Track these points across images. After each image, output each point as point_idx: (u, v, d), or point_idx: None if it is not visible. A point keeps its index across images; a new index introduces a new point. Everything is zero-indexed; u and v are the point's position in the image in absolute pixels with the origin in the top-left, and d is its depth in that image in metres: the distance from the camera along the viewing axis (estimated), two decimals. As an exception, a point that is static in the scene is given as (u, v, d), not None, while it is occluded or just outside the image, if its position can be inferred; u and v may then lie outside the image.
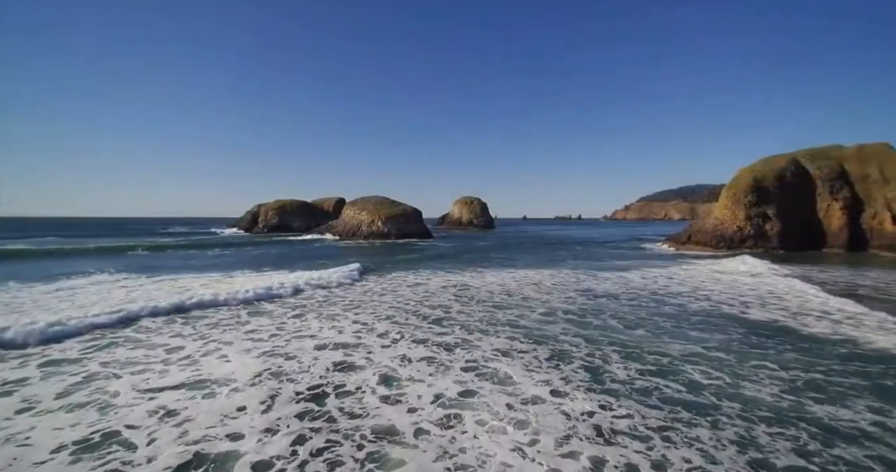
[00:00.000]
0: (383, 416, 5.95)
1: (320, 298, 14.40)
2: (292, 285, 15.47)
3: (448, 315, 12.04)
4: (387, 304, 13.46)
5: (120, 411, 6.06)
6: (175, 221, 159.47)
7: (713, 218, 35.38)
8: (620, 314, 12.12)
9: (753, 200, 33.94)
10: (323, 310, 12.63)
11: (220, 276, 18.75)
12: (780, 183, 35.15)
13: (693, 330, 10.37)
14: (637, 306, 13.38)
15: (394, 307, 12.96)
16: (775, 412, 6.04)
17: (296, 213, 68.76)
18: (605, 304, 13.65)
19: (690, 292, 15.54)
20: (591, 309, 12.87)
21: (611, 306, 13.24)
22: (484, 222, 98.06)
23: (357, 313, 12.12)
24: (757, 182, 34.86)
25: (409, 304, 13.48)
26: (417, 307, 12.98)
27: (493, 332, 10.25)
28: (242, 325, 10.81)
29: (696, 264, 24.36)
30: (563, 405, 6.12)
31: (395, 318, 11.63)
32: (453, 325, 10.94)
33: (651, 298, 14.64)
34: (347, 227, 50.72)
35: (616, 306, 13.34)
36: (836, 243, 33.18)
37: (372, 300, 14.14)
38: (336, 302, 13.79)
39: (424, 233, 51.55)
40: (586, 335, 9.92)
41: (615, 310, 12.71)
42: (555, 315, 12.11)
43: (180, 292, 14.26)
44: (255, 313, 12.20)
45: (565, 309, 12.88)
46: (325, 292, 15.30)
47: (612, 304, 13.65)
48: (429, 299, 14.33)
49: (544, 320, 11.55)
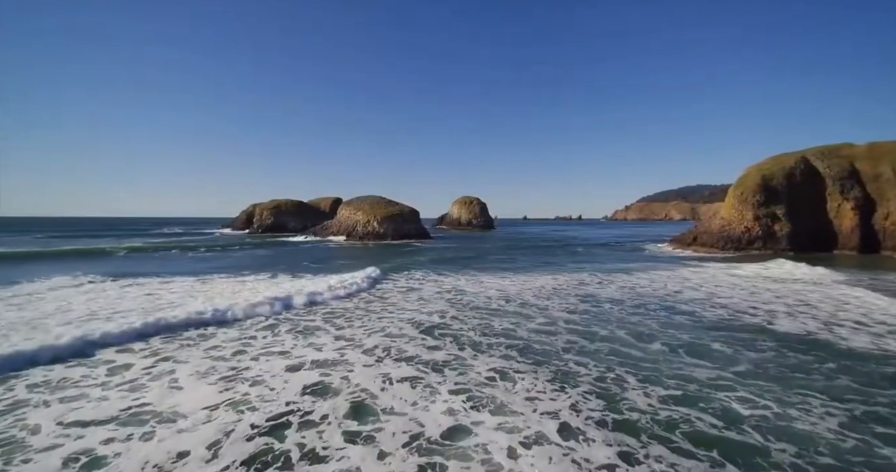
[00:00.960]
0: (350, 460, 4.78)
1: (300, 307, 13.20)
2: (271, 298, 12.88)
3: (442, 323, 10.87)
4: (374, 314, 12.24)
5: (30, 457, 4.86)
6: (174, 222, 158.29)
7: (719, 218, 34.20)
8: (629, 324, 10.93)
9: (762, 200, 32.76)
10: (301, 320, 11.45)
11: (194, 281, 17.52)
12: (788, 182, 33.97)
13: (717, 344, 9.18)
14: (647, 314, 12.20)
15: (382, 317, 11.76)
16: (838, 456, 4.85)
17: (291, 213, 67.51)
18: (610, 312, 12.47)
19: (705, 299, 14.35)
20: (597, 318, 11.70)
21: (618, 315, 12.06)
22: (483, 223, 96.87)
23: (340, 327, 10.93)
24: (765, 181, 33.69)
25: (400, 313, 12.27)
26: (409, 316, 11.79)
27: (487, 346, 9.07)
28: (206, 340, 9.62)
29: (705, 267, 23.16)
30: (574, 451, 4.92)
31: (383, 330, 10.44)
32: (445, 337, 9.76)
33: (661, 305, 13.45)
34: (342, 227, 49.50)
35: (623, 314, 12.16)
36: (848, 245, 31.98)
37: (357, 308, 12.94)
38: (316, 311, 12.59)
39: (422, 234, 50.35)
40: (593, 351, 8.74)
41: (623, 319, 11.53)
42: (556, 325, 10.94)
43: (144, 307, 13.03)
44: (222, 322, 11.01)
45: (567, 318, 11.70)
46: (303, 300, 14.05)
47: (618, 312, 12.47)
48: (423, 306, 13.12)
49: (545, 330, 10.38)
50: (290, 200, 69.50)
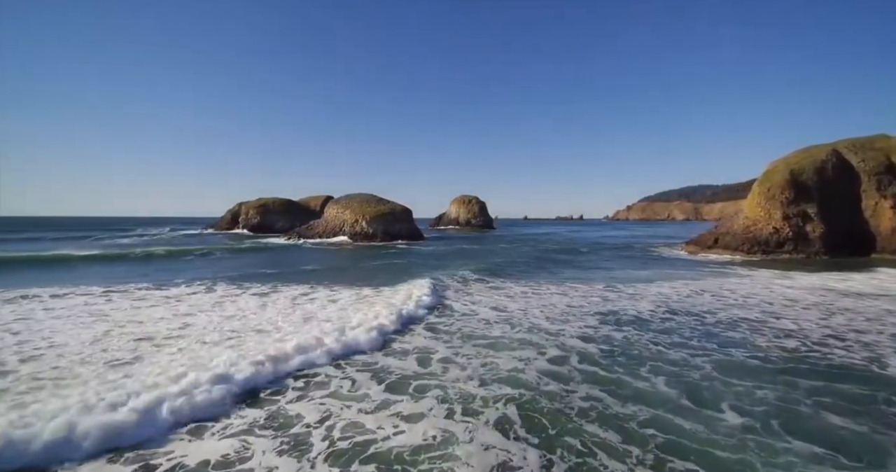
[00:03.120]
0: None
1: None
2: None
3: (420, 371, 7.40)
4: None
5: None
6: (164, 221, 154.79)
7: (743, 218, 30.65)
8: (670, 367, 7.50)
9: (791, 198, 29.21)
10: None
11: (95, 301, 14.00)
12: (820, 178, 30.43)
13: (824, 411, 5.70)
14: (690, 346, 8.76)
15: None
16: None
17: (279, 212, 63.96)
18: (640, 342, 9.02)
19: (760, 322, 10.87)
20: (624, 353, 8.29)
21: (651, 348, 8.63)
22: (483, 223, 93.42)
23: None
24: (794, 176, 30.15)
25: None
26: (367, 361, 8.32)
27: (482, 405, 5.66)
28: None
29: (741, 275, 19.62)
30: None
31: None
32: (425, 392, 6.34)
33: (705, 330, 10.00)
34: (329, 227, 45.99)
35: (658, 347, 8.72)
36: (889, 248, 28.40)
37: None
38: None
39: (414, 234, 46.84)
40: (625, 420, 5.40)
41: (659, 356, 8.10)
42: (569, 364, 7.60)
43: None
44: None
45: (584, 351, 8.33)
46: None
47: (650, 342, 9.03)
48: (395, 333, 9.66)
49: (557, 373, 6.94)
50: (278, 199, 65.94)
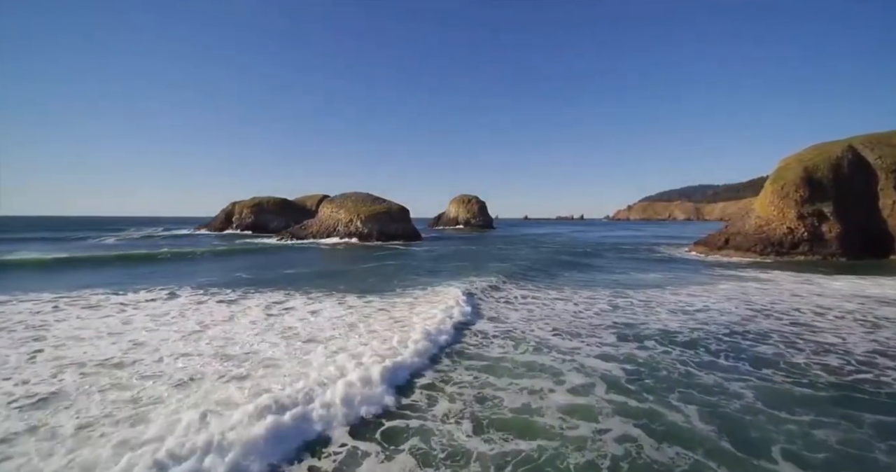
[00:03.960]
0: None
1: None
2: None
3: (405, 401, 5.92)
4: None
5: None
6: (162, 221, 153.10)
7: (755, 218, 29.21)
8: (705, 394, 6.13)
9: (805, 196, 27.78)
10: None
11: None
12: (835, 175, 29.01)
13: (885, 445, 4.28)
14: (722, 367, 7.40)
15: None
16: None
17: (273, 211, 62.47)
18: (667, 362, 7.59)
19: (795, 335, 9.41)
20: (651, 375, 6.90)
21: (679, 369, 7.23)
22: (482, 222, 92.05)
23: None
24: (808, 174, 28.73)
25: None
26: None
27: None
28: None
29: (761, 279, 18.17)
30: None
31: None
32: (407, 442, 4.85)
33: (736, 346, 8.57)
34: (323, 227, 44.49)
35: (688, 368, 7.30)
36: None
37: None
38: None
39: (411, 234, 45.36)
40: (665, 469, 3.92)
41: (691, 380, 6.71)
42: (593, 394, 6.14)
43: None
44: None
45: (606, 375, 6.96)
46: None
47: (678, 362, 7.62)
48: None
49: (577, 407, 5.46)
50: (273, 198, 64.44)
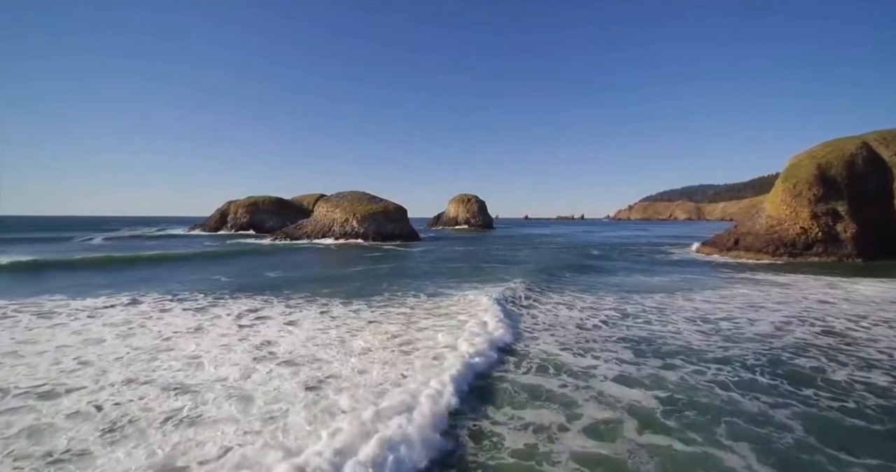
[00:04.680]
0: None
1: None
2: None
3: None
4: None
5: None
6: (160, 220, 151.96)
7: (766, 217, 27.97)
8: (747, 418, 5.14)
9: (819, 195, 26.56)
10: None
11: None
12: (849, 173, 27.79)
13: None
14: (758, 385, 6.31)
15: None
16: None
17: (269, 211, 61.31)
18: (699, 383, 6.40)
19: (834, 348, 8.19)
20: (687, 401, 5.66)
21: (716, 391, 6.07)
22: (482, 222, 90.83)
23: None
24: (822, 171, 27.52)
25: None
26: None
27: None
28: None
29: (779, 283, 16.94)
30: None
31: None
32: None
33: (767, 359, 7.38)
34: (318, 227, 43.30)
35: (724, 389, 6.11)
36: (926, 250, 25.77)
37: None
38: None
39: (408, 234, 44.17)
40: None
41: (730, 404, 5.56)
42: (621, 433, 4.93)
43: None
44: None
45: (633, 404, 5.75)
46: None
47: (711, 382, 6.42)
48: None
49: (600, 455, 4.27)
50: (269, 197, 63.27)
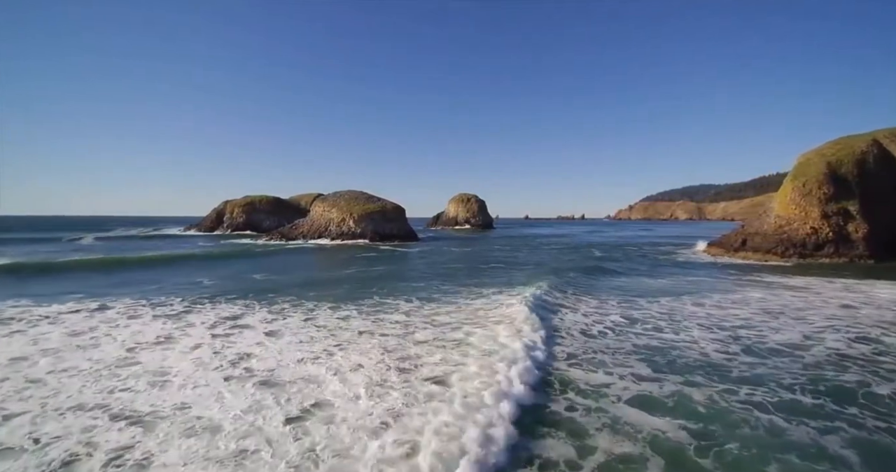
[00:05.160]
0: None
1: None
2: None
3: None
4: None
5: None
6: (158, 220, 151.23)
7: (774, 217, 27.12)
8: (798, 451, 4.39)
9: (830, 194, 25.70)
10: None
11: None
12: (860, 171, 26.93)
13: None
14: (801, 407, 5.48)
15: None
16: None
17: (266, 210, 60.53)
18: (731, 404, 5.54)
19: (869, 361, 7.35)
20: (722, 433, 4.78)
21: (755, 415, 5.26)
22: (482, 222, 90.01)
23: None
24: (832, 170, 26.67)
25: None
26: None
27: None
28: None
29: (786, 284, 16.09)
30: None
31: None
32: None
33: (803, 377, 6.54)
34: (314, 227, 42.51)
35: (764, 412, 5.30)
36: (940, 251, 24.91)
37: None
38: None
39: (407, 234, 43.35)
40: None
41: (774, 433, 4.72)
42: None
43: None
44: None
45: (666, 443, 4.84)
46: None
47: (747, 403, 5.60)
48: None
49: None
50: (266, 197, 62.50)
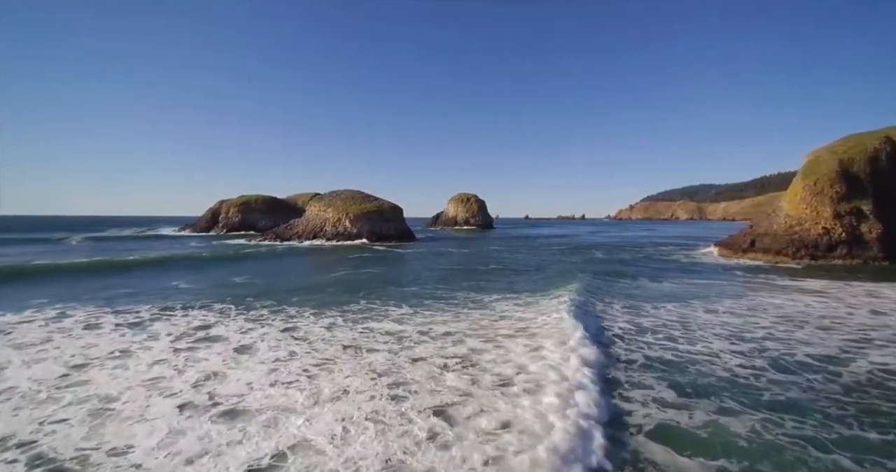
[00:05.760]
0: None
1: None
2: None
3: None
4: None
5: None
6: (155, 220, 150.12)
7: (784, 217, 26.14)
8: None
9: (842, 193, 24.73)
10: None
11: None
12: (873, 169, 25.96)
13: None
14: (862, 441, 4.34)
15: None
16: None
17: (262, 210, 59.51)
18: (797, 451, 4.50)
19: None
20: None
21: (830, 463, 4.18)
22: (482, 222, 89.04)
23: None
24: (844, 168, 25.69)
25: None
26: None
27: None
28: None
29: (803, 288, 15.10)
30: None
31: None
32: None
33: (847, 401, 5.51)
34: (309, 227, 41.51)
35: (823, 450, 4.26)
36: (958, 252, 23.93)
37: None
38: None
39: (404, 234, 42.36)
40: None
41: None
42: None
43: None
44: None
45: None
46: None
47: (809, 442, 4.53)
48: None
49: None
50: (261, 196, 61.50)
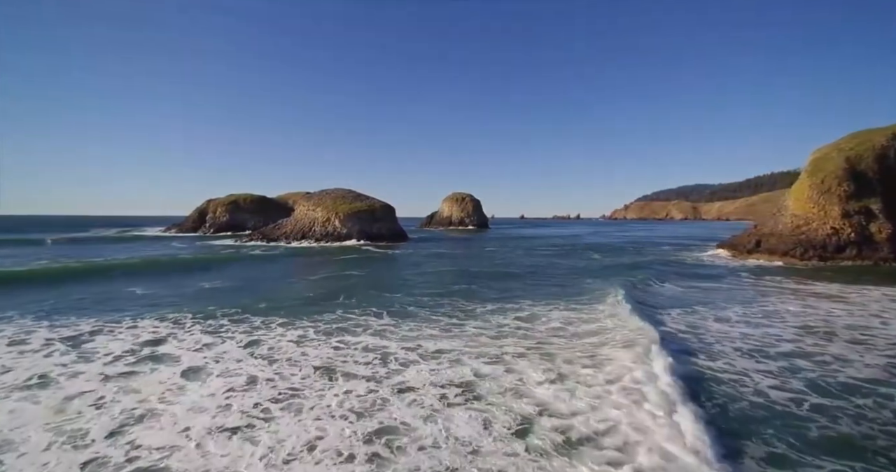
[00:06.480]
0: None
1: None
2: None
3: None
4: None
5: None
6: (151, 220, 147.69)
7: (790, 216, 25.12)
8: None
9: (850, 191, 23.74)
10: None
11: None
12: (881, 167, 25.00)
13: None
14: None
15: None
16: None
17: (250, 210, 57.91)
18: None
19: None
20: None
21: None
22: (477, 222, 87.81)
23: None
24: (852, 165, 24.71)
25: None
26: None
27: None
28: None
29: (817, 292, 13.96)
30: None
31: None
32: None
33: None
34: (297, 227, 40.07)
35: None
36: (971, 253, 23.01)
37: None
38: None
39: (396, 235, 41.04)
40: None
41: None
42: None
43: None
44: None
45: None
46: None
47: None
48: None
49: None
50: (251, 195, 59.88)
